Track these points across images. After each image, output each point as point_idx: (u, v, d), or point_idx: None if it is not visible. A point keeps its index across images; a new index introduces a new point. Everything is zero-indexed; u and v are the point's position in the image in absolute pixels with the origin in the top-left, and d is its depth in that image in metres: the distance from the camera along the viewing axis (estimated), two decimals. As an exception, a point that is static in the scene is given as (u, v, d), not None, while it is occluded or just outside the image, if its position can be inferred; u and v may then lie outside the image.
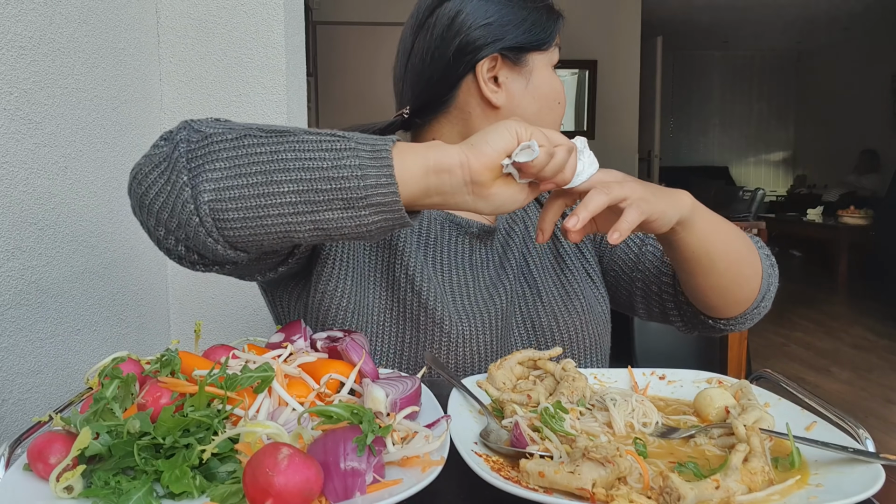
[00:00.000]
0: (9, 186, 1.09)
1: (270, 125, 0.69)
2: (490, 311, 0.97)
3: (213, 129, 0.68)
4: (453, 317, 0.94)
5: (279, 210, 0.64)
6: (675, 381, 0.75)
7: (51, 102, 1.20)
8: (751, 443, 0.53)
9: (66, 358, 1.25)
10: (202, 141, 0.67)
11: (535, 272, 1.05)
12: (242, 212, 0.65)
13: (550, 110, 1.02)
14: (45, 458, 0.50)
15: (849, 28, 8.97)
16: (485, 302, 0.98)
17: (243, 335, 1.62)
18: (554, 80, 1.02)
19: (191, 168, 0.65)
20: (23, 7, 1.12)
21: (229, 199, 0.65)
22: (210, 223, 0.66)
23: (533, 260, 1.06)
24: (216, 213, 0.65)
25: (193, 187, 0.65)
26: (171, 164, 0.67)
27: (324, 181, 0.63)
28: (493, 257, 1.04)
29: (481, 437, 0.59)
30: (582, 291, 1.04)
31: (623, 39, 7.02)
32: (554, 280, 1.05)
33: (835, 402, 0.58)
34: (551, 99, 1.02)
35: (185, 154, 0.66)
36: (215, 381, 0.56)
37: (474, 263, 1.03)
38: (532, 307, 1.01)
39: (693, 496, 0.47)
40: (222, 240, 0.67)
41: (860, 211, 6.68)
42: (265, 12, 1.69)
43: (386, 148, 0.64)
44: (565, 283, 1.05)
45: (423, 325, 0.94)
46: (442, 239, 1.02)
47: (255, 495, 0.45)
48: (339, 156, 0.63)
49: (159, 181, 0.67)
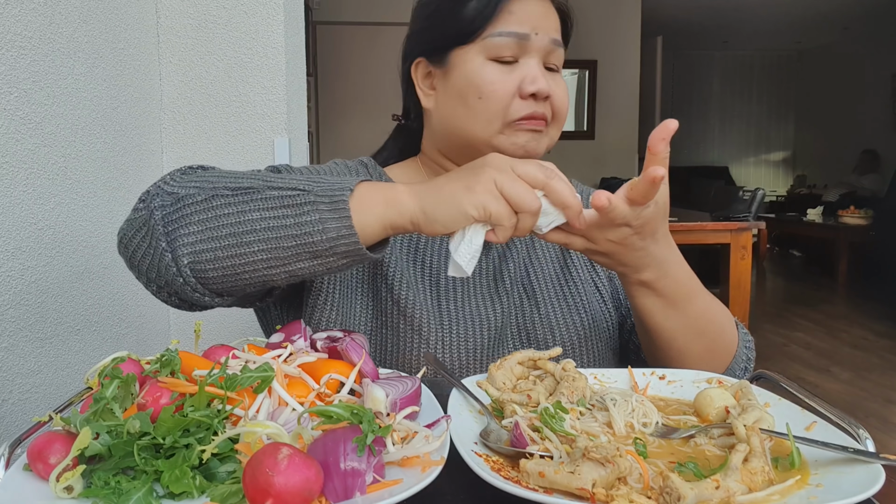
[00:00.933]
0: (8, 186, 1.09)
1: (239, 179, 0.73)
2: (479, 319, 0.95)
3: (185, 189, 0.74)
4: (432, 322, 0.92)
5: (253, 266, 0.70)
6: (675, 381, 0.75)
7: (51, 102, 1.20)
8: (751, 443, 0.53)
9: (66, 358, 1.25)
10: (175, 205, 0.72)
11: (536, 282, 1.01)
12: (220, 270, 0.71)
13: (469, 108, 0.93)
14: (45, 458, 0.50)
15: (849, 28, 8.97)
16: (475, 310, 0.96)
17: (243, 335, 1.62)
18: (473, 73, 0.92)
19: (167, 233, 0.71)
20: (23, 7, 1.12)
21: (206, 260, 0.71)
22: (193, 281, 0.72)
23: (535, 270, 1.02)
24: (196, 273, 0.71)
25: (172, 251, 0.71)
26: (149, 229, 0.73)
27: (288, 238, 0.68)
28: (488, 266, 1.01)
29: (481, 437, 0.59)
30: (586, 305, 1.01)
31: (623, 39, 7.02)
32: (556, 291, 1.01)
33: (835, 402, 0.58)
34: (468, 94, 0.93)
35: (160, 220, 0.72)
36: (215, 381, 0.56)
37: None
38: (529, 318, 0.98)
39: (693, 496, 0.47)
40: (208, 292, 0.74)
41: (860, 211, 6.68)
42: (265, 12, 1.69)
43: (343, 199, 0.67)
44: (568, 296, 1.01)
45: (402, 331, 0.92)
46: (432, 244, 1.00)
47: (254, 495, 0.45)
48: (300, 211, 0.68)
49: (143, 245, 0.74)
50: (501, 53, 0.92)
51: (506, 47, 0.92)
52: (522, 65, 0.93)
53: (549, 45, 0.93)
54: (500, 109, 0.91)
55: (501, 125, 0.92)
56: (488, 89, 0.91)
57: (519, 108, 0.92)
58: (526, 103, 0.92)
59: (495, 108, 0.91)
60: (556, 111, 0.95)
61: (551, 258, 1.05)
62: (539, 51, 0.93)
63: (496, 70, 0.92)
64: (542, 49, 0.93)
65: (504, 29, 0.91)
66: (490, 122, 0.92)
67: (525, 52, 0.92)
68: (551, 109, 0.95)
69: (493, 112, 0.92)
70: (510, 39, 0.91)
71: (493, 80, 0.91)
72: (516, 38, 0.91)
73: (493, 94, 0.91)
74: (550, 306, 0.99)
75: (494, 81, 0.91)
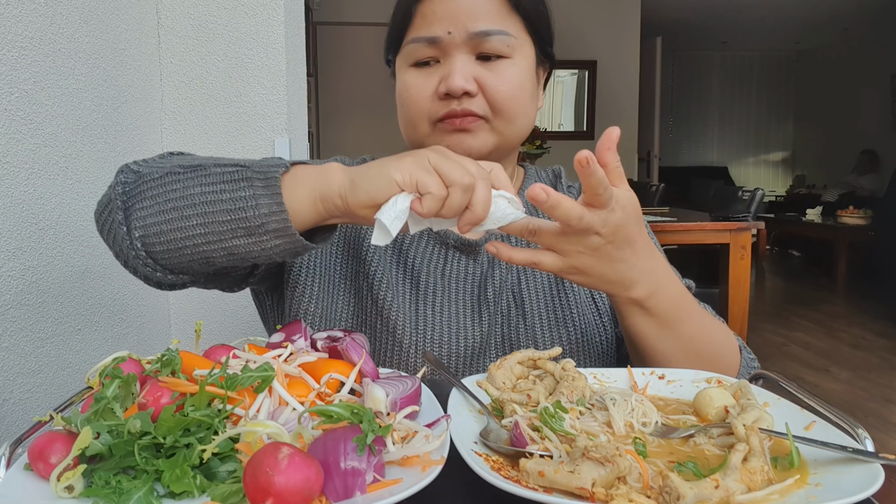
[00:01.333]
0: (9, 186, 1.09)
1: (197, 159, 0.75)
2: (458, 327, 0.92)
3: (148, 168, 0.76)
4: (408, 326, 0.90)
5: (193, 241, 0.71)
6: (675, 380, 0.75)
7: (51, 102, 1.20)
8: (750, 442, 0.53)
9: (66, 358, 1.25)
10: (135, 182, 0.74)
11: (526, 292, 0.97)
12: (165, 244, 0.72)
13: (401, 115, 0.95)
14: (46, 457, 0.50)
15: (849, 28, 8.97)
16: (454, 317, 0.92)
17: (243, 335, 1.62)
18: (400, 81, 0.94)
19: (125, 208, 0.74)
20: (23, 7, 1.12)
21: (153, 234, 0.72)
22: (144, 255, 0.74)
23: (528, 279, 0.98)
24: (147, 246, 0.73)
25: (127, 225, 0.73)
26: (111, 204, 0.75)
27: (224, 213, 0.69)
28: (475, 272, 0.97)
29: (481, 437, 0.59)
30: (577, 319, 0.96)
31: (623, 39, 7.02)
32: (547, 303, 0.97)
33: (834, 401, 0.58)
34: (399, 103, 0.94)
35: (120, 195, 0.74)
36: (216, 380, 0.56)
37: (449, 276, 0.96)
38: (514, 329, 0.94)
39: (692, 495, 0.47)
40: (160, 267, 0.75)
41: (859, 211, 6.69)
42: (265, 12, 1.69)
43: (276, 176, 0.67)
44: (558, 308, 0.96)
45: (378, 332, 0.91)
46: (417, 246, 0.98)
47: (255, 495, 0.45)
48: (236, 187, 0.68)
49: (108, 220, 0.76)
50: (418, 58, 0.91)
51: (420, 52, 0.90)
52: (443, 64, 0.90)
53: (471, 38, 0.88)
54: (420, 113, 0.91)
55: (429, 127, 0.91)
56: (405, 95, 0.92)
57: (438, 108, 0.89)
58: (445, 102, 0.89)
59: (416, 112, 0.91)
60: (493, 103, 0.89)
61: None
62: (460, 46, 0.88)
63: (415, 75, 0.91)
64: (464, 44, 0.88)
65: (416, 34, 0.90)
66: (415, 127, 0.92)
67: (444, 52, 0.89)
68: (488, 102, 0.89)
69: (416, 117, 0.91)
70: (421, 45, 0.90)
71: (409, 87, 0.91)
72: (426, 43, 0.89)
73: (409, 99, 0.91)
74: (538, 318, 0.95)
75: (411, 87, 0.91)
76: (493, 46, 0.88)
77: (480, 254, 0.99)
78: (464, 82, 0.87)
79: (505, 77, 0.89)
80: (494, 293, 0.95)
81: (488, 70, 0.89)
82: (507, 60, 0.90)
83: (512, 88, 0.90)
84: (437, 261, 0.97)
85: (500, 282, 0.96)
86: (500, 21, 0.89)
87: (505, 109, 0.90)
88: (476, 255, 0.99)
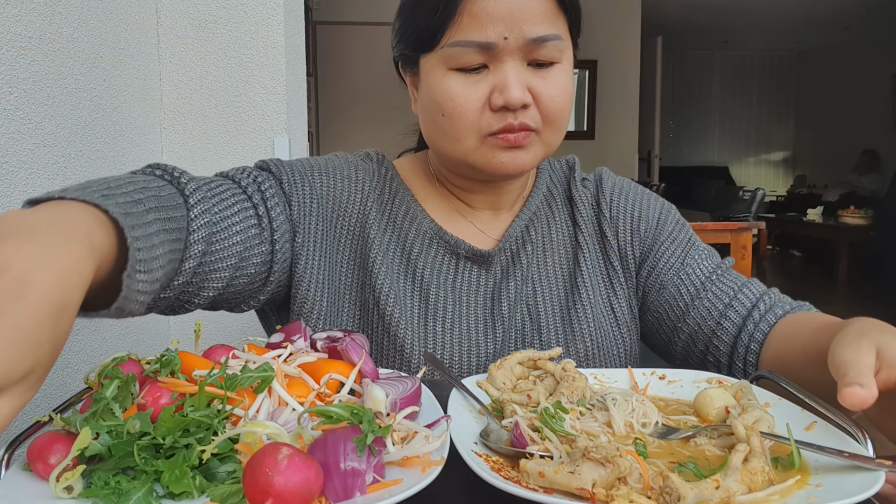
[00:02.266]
0: (9, 186, 1.09)
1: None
2: (469, 344, 0.88)
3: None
4: (416, 344, 0.86)
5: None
6: (676, 381, 0.75)
7: (51, 102, 1.20)
8: (751, 443, 0.53)
9: (66, 358, 1.25)
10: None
11: (542, 304, 0.92)
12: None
13: (436, 125, 0.84)
14: (45, 458, 0.50)
15: (849, 28, 8.97)
16: (465, 334, 0.88)
17: (243, 335, 1.62)
18: (435, 87, 0.82)
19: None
20: (23, 7, 1.12)
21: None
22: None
23: (543, 290, 0.93)
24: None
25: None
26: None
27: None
28: (487, 283, 0.92)
29: (481, 437, 0.59)
30: (593, 332, 0.92)
31: (623, 39, 7.02)
32: (563, 316, 0.92)
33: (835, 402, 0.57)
34: (433, 111, 0.84)
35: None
36: (215, 381, 0.56)
37: (459, 287, 0.91)
38: (529, 344, 0.90)
39: (693, 496, 0.47)
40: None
41: (860, 211, 6.69)
42: (265, 12, 1.69)
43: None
44: (574, 322, 0.91)
45: (385, 349, 0.87)
46: (426, 255, 0.92)
47: (254, 495, 0.45)
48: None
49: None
50: (464, 63, 0.80)
51: (468, 57, 0.80)
52: (494, 71, 0.81)
53: (528, 44, 0.80)
54: (468, 126, 0.81)
55: (476, 141, 0.83)
56: (449, 106, 0.81)
57: (491, 121, 0.81)
58: (499, 115, 0.81)
59: (462, 125, 0.81)
60: (546, 114, 0.83)
61: (559, 276, 0.95)
62: (514, 53, 0.80)
63: (459, 82, 0.81)
64: (519, 50, 0.80)
65: (463, 38, 0.79)
66: (459, 141, 0.83)
67: (495, 58, 0.80)
68: (540, 113, 0.83)
69: (461, 130, 0.82)
70: (471, 49, 0.79)
71: (454, 96, 0.81)
72: (478, 48, 0.79)
73: (455, 111, 0.81)
74: (553, 333, 0.91)
75: (456, 97, 0.81)
76: (548, 53, 0.81)
77: (493, 264, 0.93)
78: (523, 94, 0.80)
79: (558, 86, 0.83)
80: (510, 306, 0.91)
81: (542, 78, 0.82)
82: (558, 66, 0.84)
83: (565, 98, 0.84)
84: (446, 271, 0.92)
85: (514, 294, 0.92)
86: (553, 23, 0.82)
87: (557, 120, 0.84)
88: (489, 265, 0.93)
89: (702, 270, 0.95)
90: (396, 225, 0.94)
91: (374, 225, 0.92)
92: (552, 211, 1.00)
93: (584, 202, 1.00)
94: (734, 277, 0.94)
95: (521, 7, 0.79)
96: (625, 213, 0.99)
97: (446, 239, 0.93)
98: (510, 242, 0.95)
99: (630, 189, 1.02)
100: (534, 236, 0.97)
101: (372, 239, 0.91)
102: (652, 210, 1.00)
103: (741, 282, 0.93)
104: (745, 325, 0.88)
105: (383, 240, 0.92)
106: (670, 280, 0.95)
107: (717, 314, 0.90)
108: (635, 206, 0.99)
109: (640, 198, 1.01)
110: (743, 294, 0.91)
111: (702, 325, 0.91)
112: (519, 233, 0.96)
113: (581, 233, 0.98)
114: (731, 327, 0.89)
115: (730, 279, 0.94)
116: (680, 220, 1.01)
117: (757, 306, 0.89)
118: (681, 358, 0.95)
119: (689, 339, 0.93)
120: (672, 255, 0.96)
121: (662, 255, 0.97)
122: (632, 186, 1.03)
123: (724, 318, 0.90)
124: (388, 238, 0.93)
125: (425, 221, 0.94)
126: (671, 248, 0.97)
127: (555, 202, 1.01)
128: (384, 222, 0.94)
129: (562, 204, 1.01)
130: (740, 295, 0.91)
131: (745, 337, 0.88)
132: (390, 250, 0.92)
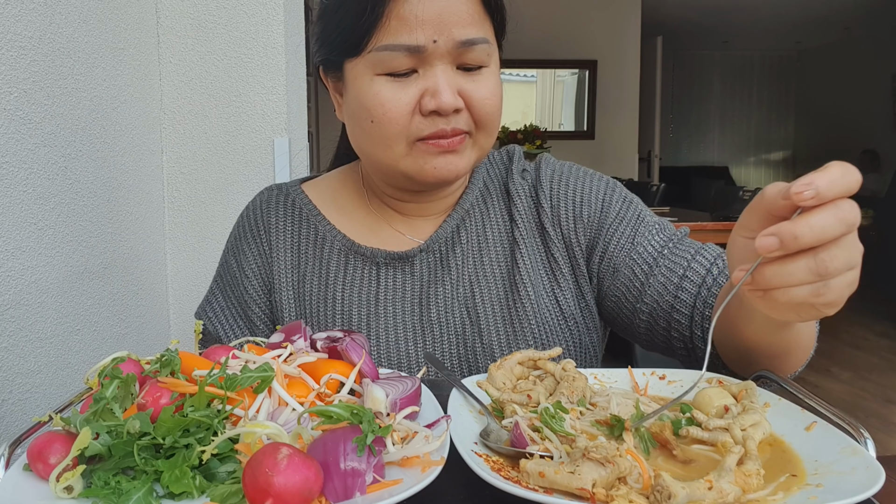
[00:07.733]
0: (9, 186, 1.09)
1: None
2: (399, 350, 0.87)
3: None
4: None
5: None
6: (676, 381, 0.75)
7: (51, 102, 1.20)
8: (746, 445, 0.53)
9: (65, 358, 1.25)
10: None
11: (480, 306, 0.89)
12: None
13: (365, 131, 0.82)
14: (45, 458, 0.50)
15: (849, 28, 8.97)
16: (392, 341, 0.87)
17: (243, 335, 1.62)
18: (363, 92, 0.80)
19: None
20: (23, 7, 1.12)
21: None
22: None
23: (482, 290, 0.90)
24: None
25: None
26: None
27: None
28: (413, 288, 0.90)
29: (481, 437, 0.59)
30: (535, 329, 0.88)
31: (623, 39, 7.02)
32: (503, 315, 0.89)
33: (835, 402, 0.58)
34: (361, 117, 0.81)
35: None
36: (215, 381, 0.56)
37: (384, 298, 0.90)
38: (471, 348, 0.87)
39: (684, 495, 0.47)
40: None
41: (860, 211, 6.67)
42: (265, 12, 1.69)
43: None
44: (515, 321, 0.88)
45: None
46: (343, 274, 0.91)
47: (254, 495, 0.45)
48: None
49: None
50: (393, 68, 0.78)
51: (397, 61, 0.78)
52: (423, 75, 0.79)
53: (457, 47, 0.78)
54: (398, 132, 0.80)
55: (406, 147, 0.81)
56: (379, 112, 0.79)
57: (421, 126, 0.80)
58: (430, 120, 0.79)
59: (392, 131, 0.79)
60: (478, 118, 0.82)
61: (499, 275, 0.92)
62: (444, 56, 0.79)
63: (388, 87, 0.79)
64: (449, 54, 0.79)
65: (392, 41, 0.77)
66: (389, 147, 0.81)
67: (424, 62, 0.79)
68: (472, 117, 0.81)
69: (391, 136, 0.80)
70: (399, 53, 0.77)
71: (384, 101, 0.79)
72: (407, 52, 0.77)
73: (385, 116, 0.79)
74: (496, 333, 0.88)
75: (386, 102, 0.78)
76: (477, 57, 0.80)
77: (416, 266, 0.91)
78: (454, 99, 0.79)
79: (488, 88, 0.82)
80: (444, 309, 0.89)
81: (472, 81, 0.81)
82: (487, 70, 0.82)
83: (496, 100, 0.83)
84: (368, 285, 0.91)
85: (448, 297, 0.89)
86: (480, 26, 0.81)
87: (489, 123, 0.83)
88: (411, 266, 0.91)
89: (653, 246, 0.89)
90: (309, 255, 0.94)
91: (278, 264, 0.94)
92: (487, 208, 0.96)
93: (520, 195, 0.96)
94: (687, 247, 0.88)
95: (450, 10, 0.78)
96: (566, 200, 0.94)
97: (361, 252, 0.92)
98: (438, 244, 0.93)
99: (570, 174, 0.96)
100: (465, 236, 0.94)
101: (279, 283, 0.94)
102: (595, 193, 0.94)
103: (694, 249, 0.87)
104: (699, 294, 0.83)
105: (291, 279, 0.94)
106: (622, 261, 0.90)
107: (673, 287, 0.85)
108: (576, 192, 0.94)
109: (582, 182, 0.96)
110: (696, 262, 0.85)
111: (660, 302, 0.86)
112: (449, 234, 0.93)
113: (517, 228, 0.93)
114: (688, 298, 0.84)
115: (682, 249, 0.88)
116: (627, 198, 0.95)
117: (710, 271, 0.84)
118: (646, 339, 0.91)
119: (650, 318, 0.88)
120: (622, 236, 0.91)
121: (612, 237, 0.91)
122: (572, 170, 0.97)
123: (680, 290, 0.85)
124: (294, 276, 0.94)
125: (337, 239, 0.94)
126: (619, 229, 0.92)
127: (490, 198, 0.97)
128: (289, 260, 0.95)
129: (498, 199, 0.97)
130: (693, 263, 0.85)
131: (700, 304, 0.83)
132: (305, 282, 0.93)
